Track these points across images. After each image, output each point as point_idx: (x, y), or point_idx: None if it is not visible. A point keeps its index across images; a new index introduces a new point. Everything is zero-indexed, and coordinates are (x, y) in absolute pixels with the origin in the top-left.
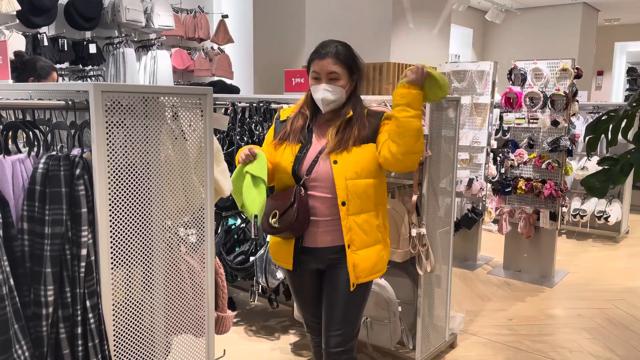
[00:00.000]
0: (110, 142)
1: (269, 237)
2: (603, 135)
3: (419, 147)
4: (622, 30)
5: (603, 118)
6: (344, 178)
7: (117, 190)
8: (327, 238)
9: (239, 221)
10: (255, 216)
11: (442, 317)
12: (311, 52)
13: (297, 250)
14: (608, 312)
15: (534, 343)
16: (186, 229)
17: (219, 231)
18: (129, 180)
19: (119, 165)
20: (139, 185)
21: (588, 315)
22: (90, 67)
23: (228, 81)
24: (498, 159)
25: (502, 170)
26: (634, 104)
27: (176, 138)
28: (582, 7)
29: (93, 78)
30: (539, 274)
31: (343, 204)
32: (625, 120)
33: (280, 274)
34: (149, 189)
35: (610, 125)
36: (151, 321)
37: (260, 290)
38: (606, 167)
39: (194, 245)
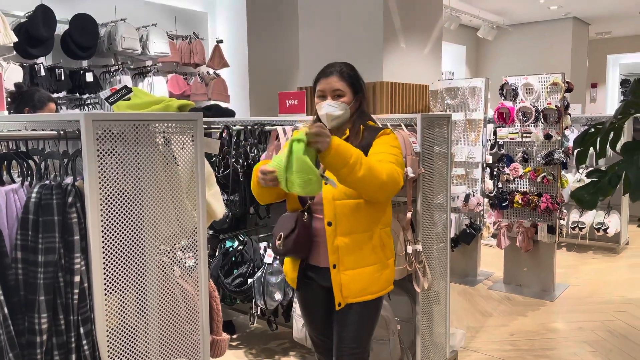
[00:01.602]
0: (101, 169)
1: (267, 258)
2: (592, 148)
3: (376, 186)
4: (613, 43)
5: (590, 131)
6: (332, 199)
7: (110, 216)
8: (327, 258)
9: (236, 243)
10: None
11: (442, 334)
12: (317, 73)
13: (302, 269)
14: (610, 324)
15: (536, 358)
16: (184, 252)
17: (216, 254)
18: (121, 207)
19: (110, 192)
20: (131, 211)
21: (590, 328)
22: (87, 95)
23: (223, 105)
24: (494, 173)
25: (499, 185)
26: (619, 117)
27: (168, 163)
28: (573, 21)
29: (90, 106)
30: (540, 287)
31: (329, 224)
32: (612, 132)
33: (278, 295)
34: (141, 214)
35: (598, 138)
36: (145, 346)
37: (259, 313)
38: (595, 179)
39: (190, 268)
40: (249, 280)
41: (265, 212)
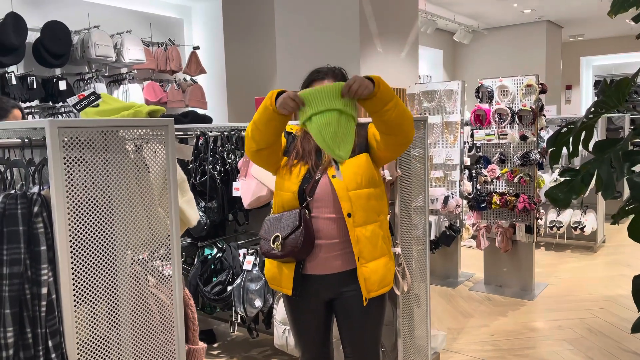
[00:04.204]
0: (69, 178)
1: (246, 264)
2: (565, 148)
3: (411, 119)
4: (586, 45)
5: (563, 131)
6: (345, 190)
7: (78, 226)
8: (336, 263)
9: (215, 251)
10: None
11: (423, 337)
12: (307, 77)
13: (298, 274)
14: (588, 321)
15: (516, 357)
16: (162, 261)
17: (195, 262)
18: (90, 216)
19: (79, 201)
20: (101, 219)
21: (569, 326)
22: (60, 103)
23: (201, 111)
24: (472, 175)
25: (477, 186)
26: (590, 116)
27: (139, 170)
28: (546, 24)
29: (64, 115)
30: (520, 287)
31: (349, 215)
32: (584, 132)
33: (258, 302)
34: (111, 223)
35: (570, 138)
36: (118, 358)
37: (239, 320)
38: (568, 178)
39: (167, 278)
40: (229, 288)
41: (244, 218)
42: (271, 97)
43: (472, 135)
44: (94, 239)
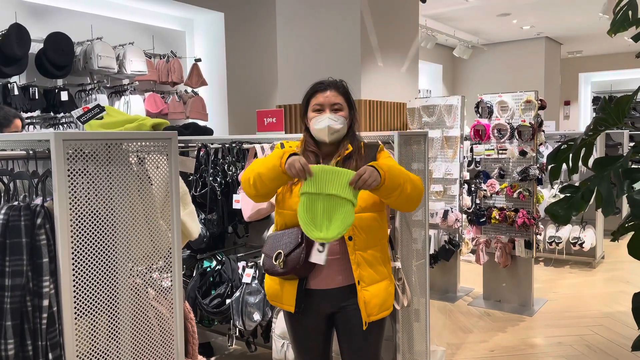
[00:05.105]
0: (72, 190)
1: (246, 277)
2: (565, 164)
3: (418, 196)
4: (584, 61)
5: (563, 147)
6: None
7: (80, 238)
8: (338, 278)
9: (214, 263)
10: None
11: (422, 352)
12: (309, 89)
13: (301, 291)
14: (587, 338)
15: None
16: (159, 273)
17: (194, 274)
18: (93, 228)
19: (82, 213)
20: (103, 232)
21: (568, 342)
22: (62, 114)
23: (202, 123)
24: (472, 189)
25: (477, 201)
26: (590, 133)
27: (141, 183)
28: (545, 41)
29: (65, 125)
30: (519, 303)
31: (350, 238)
32: (584, 148)
33: (257, 316)
34: (113, 235)
35: (570, 154)
36: None
37: (237, 334)
38: (568, 194)
39: (165, 290)
40: (227, 301)
41: (244, 231)
42: (281, 157)
43: (471, 150)
44: (96, 251)
